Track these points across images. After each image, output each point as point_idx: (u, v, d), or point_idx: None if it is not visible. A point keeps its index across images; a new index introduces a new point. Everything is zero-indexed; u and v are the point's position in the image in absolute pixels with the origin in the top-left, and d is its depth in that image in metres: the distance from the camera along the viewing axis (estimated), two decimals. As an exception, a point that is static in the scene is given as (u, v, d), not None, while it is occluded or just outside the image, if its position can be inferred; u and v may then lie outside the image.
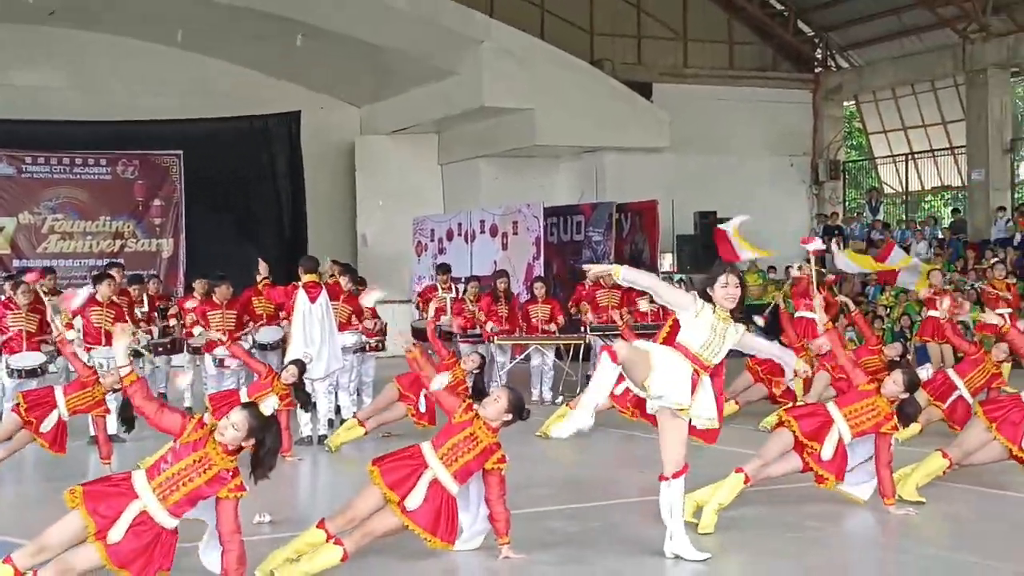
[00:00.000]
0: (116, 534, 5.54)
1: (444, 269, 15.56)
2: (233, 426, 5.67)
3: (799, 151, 24.39)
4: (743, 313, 6.59)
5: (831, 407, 7.76)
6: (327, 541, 6.22)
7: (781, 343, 14.15)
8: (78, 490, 5.65)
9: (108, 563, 5.55)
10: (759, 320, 12.43)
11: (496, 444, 6.48)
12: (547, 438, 11.31)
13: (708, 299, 6.42)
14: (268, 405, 5.75)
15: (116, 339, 6.37)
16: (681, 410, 6.40)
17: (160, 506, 5.62)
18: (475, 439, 6.41)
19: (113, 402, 9.44)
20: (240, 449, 5.75)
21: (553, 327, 14.60)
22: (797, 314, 13.51)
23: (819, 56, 25.17)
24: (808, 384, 11.85)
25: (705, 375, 6.41)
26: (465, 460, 6.36)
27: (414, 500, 6.23)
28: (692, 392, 6.37)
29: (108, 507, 5.60)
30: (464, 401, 6.70)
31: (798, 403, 10.96)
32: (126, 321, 12.04)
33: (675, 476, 6.52)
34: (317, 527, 6.31)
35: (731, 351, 6.48)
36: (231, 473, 5.71)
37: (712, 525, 7.16)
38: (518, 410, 6.53)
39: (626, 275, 6.39)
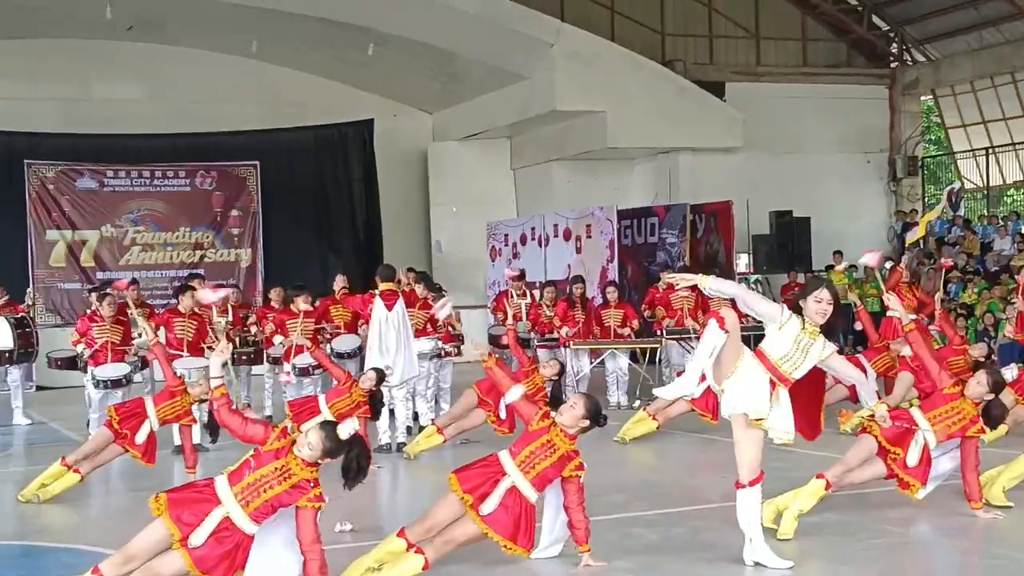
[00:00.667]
0: (198, 539, 5.63)
1: (518, 275, 15.61)
2: (309, 445, 5.76)
3: (876, 148, 24.03)
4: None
5: (915, 412, 7.64)
6: (408, 550, 6.27)
7: (860, 342, 14.00)
8: (162, 497, 5.76)
9: (192, 569, 5.65)
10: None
11: (574, 451, 6.48)
12: (625, 443, 11.29)
13: (798, 311, 6.34)
14: (346, 429, 5.80)
15: (216, 354, 6.48)
16: (757, 420, 6.34)
17: (242, 512, 5.71)
18: (552, 446, 6.41)
19: (198, 412, 9.59)
20: (319, 463, 5.82)
21: (627, 331, 14.54)
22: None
23: (895, 51, 24.79)
24: (891, 385, 11.70)
25: (783, 387, 6.33)
26: (543, 467, 6.37)
27: (489, 505, 6.25)
28: (769, 401, 6.31)
29: (192, 513, 5.70)
30: (541, 408, 6.70)
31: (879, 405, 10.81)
32: (207, 332, 12.27)
33: (751, 484, 6.47)
34: (398, 536, 6.36)
35: None
36: (311, 483, 5.78)
37: (792, 531, 7.09)
38: (595, 416, 6.53)
39: (712, 285, 6.37)
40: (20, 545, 7.80)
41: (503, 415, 10.55)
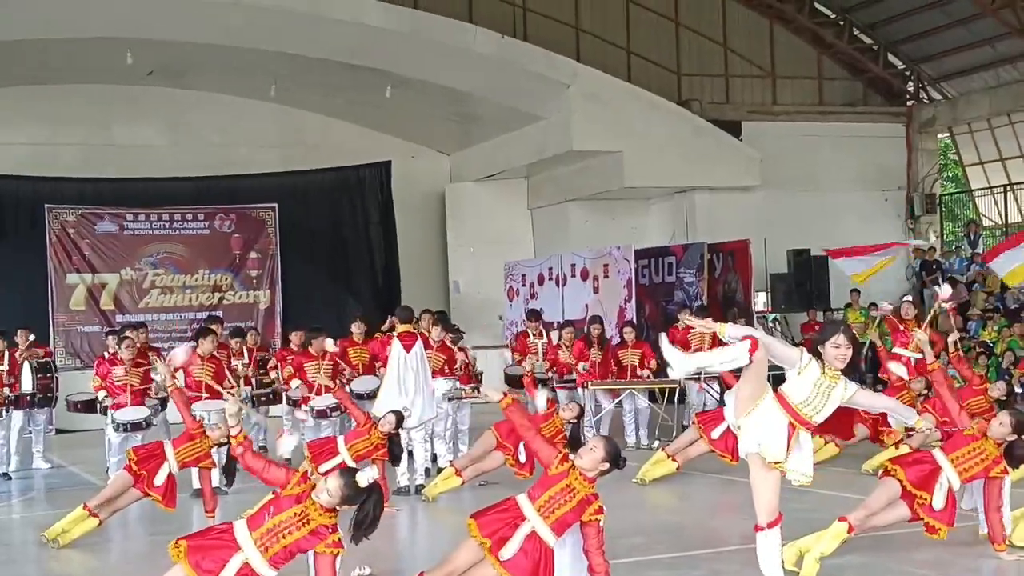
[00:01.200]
0: None
1: (534, 315, 15.58)
2: (328, 492, 5.75)
3: (893, 185, 24.02)
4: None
5: (937, 454, 7.58)
6: None
7: (880, 381, 13.91)
8: (182, 544, 5.76)
9: None
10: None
11: (594, 495, 6.45)
12: (644, 484, 11.23)
13: (817, 355, 6.32)
14: (365, 477, 5.79)
15: (229, 403, 6.53)
16: (776, 464, 6.31)
17: (261, 558, 5.70)
18: (572, 490, 6.38)
19: (216, 455, 9.58)
20: (337, 509, 5.81)
21: (646, 372, 14.51)
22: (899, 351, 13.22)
23: (911, 89, 24.83)
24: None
25: (804, 430, 6.31)
26: (563, 512, 6.34)
27: (509, 550, 6.22)
28: (788, 445, 6.27)
29: (212, 560, 5.69)
30: (560, 452, 6.68)
31: (901, 446, 10.74)
32: (225, 375, 12.28)
33: (770, 526, 6.43)
34: None
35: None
36: (330, 529, 5.76)
37: (814, 574, 7.02)
38: (615, 459, 6.50)
39: (731, 332, 6.35)
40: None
41: (522, 458, 10.49)
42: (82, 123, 21.26)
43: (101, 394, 12.23)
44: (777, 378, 6.51)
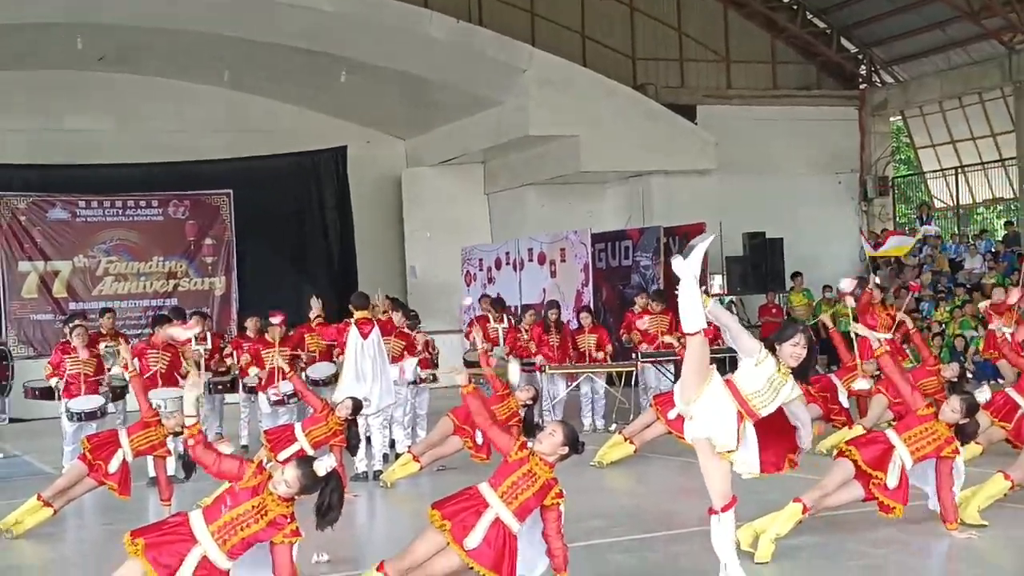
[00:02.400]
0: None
1: (499, 304, 15.62)
2: (286, 483, 5.73)
3: (846, 168, 24.21)
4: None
5: (890, 433, 7.67)
6: None
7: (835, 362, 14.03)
8: (139, 541, 5.70)
9: None
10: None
11: (554, 479, 6.46)
12: (602, 467, 11.28)
13: (773, 350, 6.37)
14: (323, 465, 5.77)
15: (189, 387, 6.46)
16: (726, 453, 6.36)
17: (219, 551, 5.67)
18: (533, 476, 6.39)
19: (172, 444, 9.52)
20: (295, 498, 5.80)
21: (602, 355, 14.57)
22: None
23: (863, 72, 25.02)
24: (865, 407, 11.74)
25: (749, 421, 6.35)
26: (525, 497, 6.34)
27: (474, 539, 6.22)
28: (737, 434, 6.31)
29: (169, 555, 5.66)
30: (517, 439, 6.69)
31: (855, 427, 10.86)
32: (180, 363, 12.19)
33: (724, 510, 6.47)
34: (377, 570, 6.32)
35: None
36: (288, 519, 5.75)
37: (769, 555, 7.09)
38: (574, 444, 6.52)
39: (712, 310, 6.39)
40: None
41: (480, 440, 10.50)
42: (31, 110, 20.92)
43: (54, 380, 12.09)
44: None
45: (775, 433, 6.53)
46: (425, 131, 23.09)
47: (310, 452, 9.34)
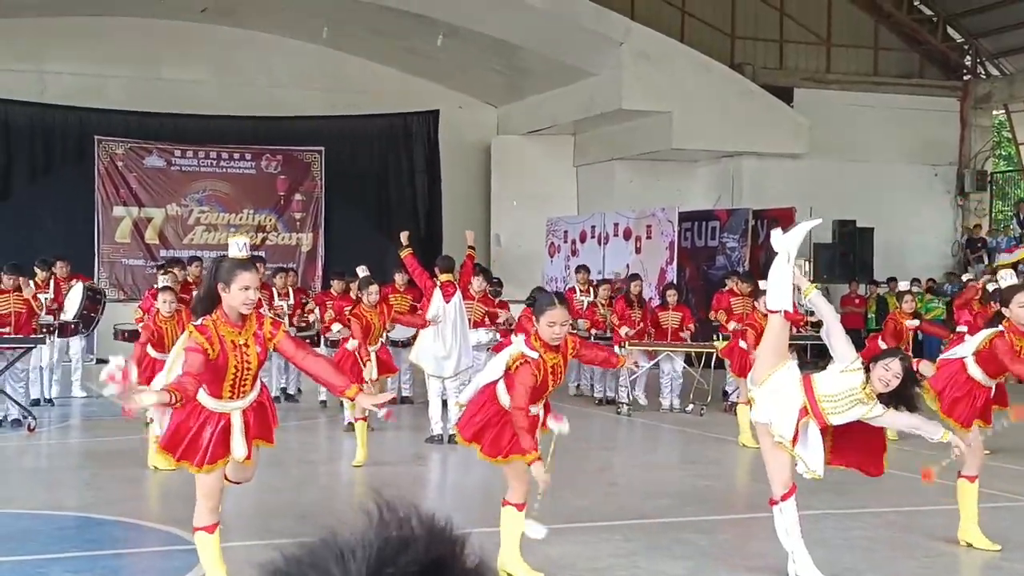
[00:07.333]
0: (240, 449, 5.53)
1: (583, 269, 15.54)
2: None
3: (944, 161, 23.72)
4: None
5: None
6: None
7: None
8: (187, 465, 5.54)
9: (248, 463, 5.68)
10: None
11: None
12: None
13: (867, 369, 6.18)
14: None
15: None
16: (780, 441, 6.20)
17: (246, 400, 5.54)
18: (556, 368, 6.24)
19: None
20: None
21: (685, 334, 14.48)
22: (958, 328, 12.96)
23: (968, 63, 24.46)
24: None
25: (814, 421, 6.15)
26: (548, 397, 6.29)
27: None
28: (796, 427, 6.14)
29: (217, 445, 5.48)
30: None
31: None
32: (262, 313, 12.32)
33: (784, 499, 6.36)
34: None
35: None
36: (259, 324, 5.51)
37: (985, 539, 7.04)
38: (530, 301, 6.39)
39: (814, 299, 6.29)
40: (75, 516, 7.92)
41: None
42: (132, 57, 21.27)
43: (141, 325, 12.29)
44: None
45: (861, 434, 6.34)
46: (517, 99, 23.06)
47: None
